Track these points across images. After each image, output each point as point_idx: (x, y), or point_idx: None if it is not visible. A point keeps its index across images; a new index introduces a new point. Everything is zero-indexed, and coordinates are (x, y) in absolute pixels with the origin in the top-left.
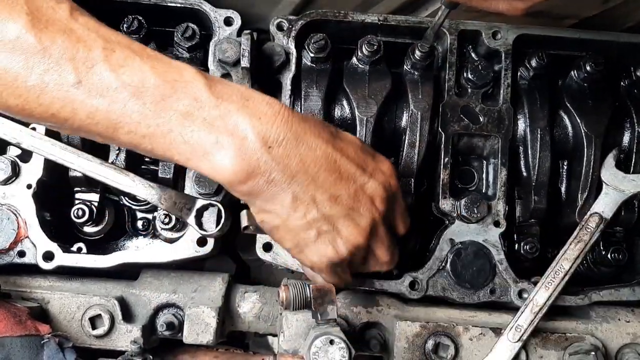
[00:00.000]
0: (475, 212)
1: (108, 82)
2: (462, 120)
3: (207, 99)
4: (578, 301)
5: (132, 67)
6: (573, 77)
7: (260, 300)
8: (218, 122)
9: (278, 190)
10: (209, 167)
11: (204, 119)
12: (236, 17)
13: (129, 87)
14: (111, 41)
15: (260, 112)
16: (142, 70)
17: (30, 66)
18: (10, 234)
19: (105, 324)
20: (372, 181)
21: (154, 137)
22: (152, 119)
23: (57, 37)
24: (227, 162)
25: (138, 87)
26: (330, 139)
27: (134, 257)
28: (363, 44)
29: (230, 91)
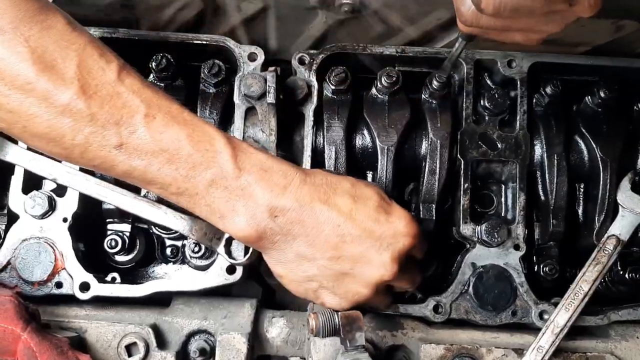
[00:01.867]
0: (496, 236)
1: (147, 148)
2: (480, 147)
3: (231, 171)
4: (598, 321)
5: (170, 134)
6: (587, 103)
7: (288, 325)
8: (237, 192)
9: (282, 248)
10: (225, 226)
11: (226, 187)
12: (260, 53)
13: (166, 154)
14: (153, 106)
15: (274, 184)
16: (179, 138)
17: (78, 128)
18: (48, 266)
19: (141, 351)
20: (380, 243)
21: (181, 197)
22: (182, 183)
23: (105, 103)
24: (241, 227)
25: (173, 155)
26: (339, 203)
27: (166, 285)
28: (382, 75)
29: (252, 162)
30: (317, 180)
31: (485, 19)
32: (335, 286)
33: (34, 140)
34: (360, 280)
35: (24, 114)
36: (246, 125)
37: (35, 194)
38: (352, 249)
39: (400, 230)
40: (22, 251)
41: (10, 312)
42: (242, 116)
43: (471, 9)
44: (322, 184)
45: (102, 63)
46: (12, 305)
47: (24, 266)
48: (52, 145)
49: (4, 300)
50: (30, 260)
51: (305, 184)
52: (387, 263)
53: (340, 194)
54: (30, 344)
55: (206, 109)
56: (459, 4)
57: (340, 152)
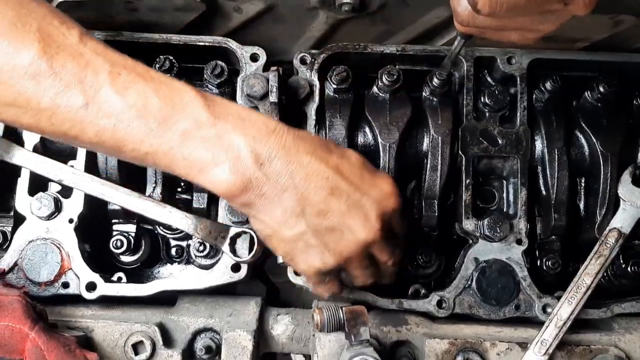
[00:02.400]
0: (498, 231)
1: (114, 104)
2: (481, 143)
3: (205, 120)
4: (601, 314)
5: (137, 89)
6: (587, 98)
7: (293, 322)
8: (214, 140)
9: (269, 203)
10: (206, 180)
11: (202, 137)
12: (261, 53)
13: (133, 109)
14: (117, 64)
15: (254, 131)
16: (145, 92)
17: (43, 89)
18: (54, 267)
19: (147, 349)
20: (366, 198)
21: (156, 154)
22: (154, 138)
23: (67, 62)
24: (223, 177)
25: (141, 109)
26: (325, 157)
27: (172, 284)
28: (383, 74)
29: (227, 111)
30: (300, 133)
31: (481, 19)
32: (323, 243)
33: (2, 112)
34: (348, 236)
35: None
36: None
37: (41, 196)
38: (340, 203)
39: (385, 191)
40: (29, 252)
41: (18, 312)
42: None
43: (467, 9)
44: (306, 137)
45: (63, 29)
46: (19, 304)
47: (30, 267)
48: (21, 113)
49: (12, 299)
50: (37, 261)
51: (289, 133)
52: (373, 221)
53: (325, 149)
54: (38, 343)
55: None
56: (455, 4)
57: None
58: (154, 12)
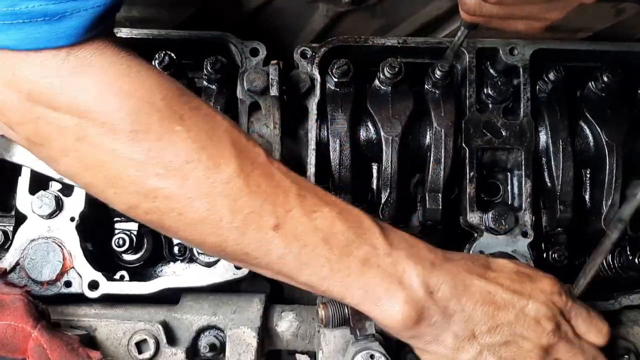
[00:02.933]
0: (503, 223)
1: (303, 227)
2: (484, 135)
3: (382, 247)
4: (609, 306)
5: (323, 212)
6: (591, 88)
7: (297, 318)
8: (391, 269)
9: (439, 332)
10: (379, 312)
11: (379, 265)
12: (262, 48)
13: (320, 233)
14: (302, 186)
15: (423, 258)
16: (331, 216)
17: (237, 208)
18: (56, 266)
19: (151, 348)
20: (532, 302)
21: (332, 280)
22: (335, 263)
23: (262, 182)
24: (398, 309)
25: (327, 233)
26: (482, 273)
27: (175, 282)
28: (385, 66)
29: (399, 238)
30: (455, 255)
31: (488, 7)
32: (502, 359)
33: (188, 231)
34: (523, 345)
35: (183, 198)
36: (250, 121)
37: (42, 194)
38: (508, 314)
39: (548, 290)
40: (31, 251)
41: (20, 310)
42: (246, 111)
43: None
44: (460, 257)
45: (251, 145)
46: (21, 303)
47: (32, 266)
48: (208, 232)
49: (14, 298)
50: (39, 260)
51: (447, 259)
52: (543, 324)
53: (478, 264)
54: (40, 342)
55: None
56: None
57: (345, 144)
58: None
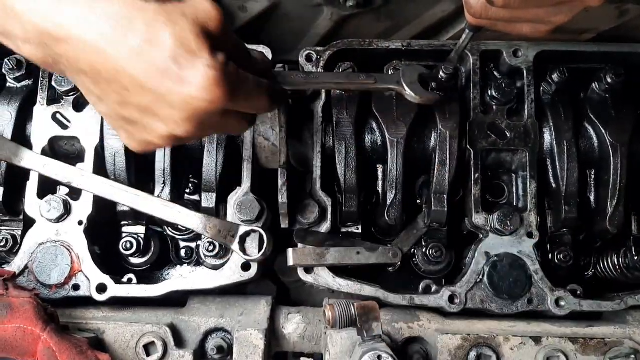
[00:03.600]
0: (509, 224)
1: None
2: (489, 137)
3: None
4: (615, 307)
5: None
6: (595, 89)
7: (304, 320)
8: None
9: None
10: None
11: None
12: (267, 52)
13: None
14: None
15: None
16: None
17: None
18: (65, 269)
19: (159, 350)
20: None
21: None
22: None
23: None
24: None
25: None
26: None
27: (182, 284)
28: (389, 69)
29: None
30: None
31: (494, 11)
32: (130, 130)
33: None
34: (151, 132)
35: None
36: (256, 124)
37: (50, 198)
38: (138, 98)
39: (193, 93)
40: (39, 255)
41: (30, 313)
42: None
43: (481, 1)
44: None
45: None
46: (31, 306)
47: (41, 270)
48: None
49: (23, 301)
50: (47, 263)
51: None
52: (179, 122)
53: (131, 27)
54: (50, 344)
55: None
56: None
57: (350, 147)
58: None
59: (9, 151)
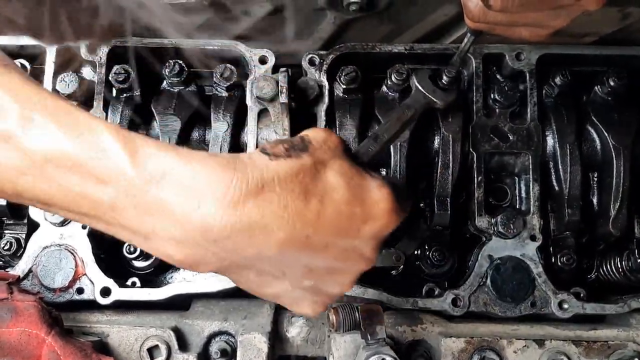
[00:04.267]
0: (512, 227)
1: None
2: (492, 140)
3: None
4: (618, 309)
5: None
6: (597, 92)
7: (307, 324)
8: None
9: (238, 272)
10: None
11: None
12: (270, 56)
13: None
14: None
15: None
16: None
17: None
18: (69, 273)
19: (163, 354)
20: (359, 240)
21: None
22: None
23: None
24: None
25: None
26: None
27: (186, 288)
28: (392, 73)
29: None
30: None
31: (492, 15)
32: (313, 298)
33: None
34: (337, 287)
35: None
36: (259, 127)
37: None
38: (324, 260)
39: (384, 222)
40: (43, 258)
41: (34, 317)
42: (255, 118)
43: (478, 5)
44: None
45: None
46: (35, 310)
47: (45, 273)
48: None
49: (28, 305)
50: (52, 267)
51: (248, 191)
52: (368, 255)
53: (300, 194)
54: (54, 348)
55: (219, 113)
56: (466, 0)
57: None
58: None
59: None
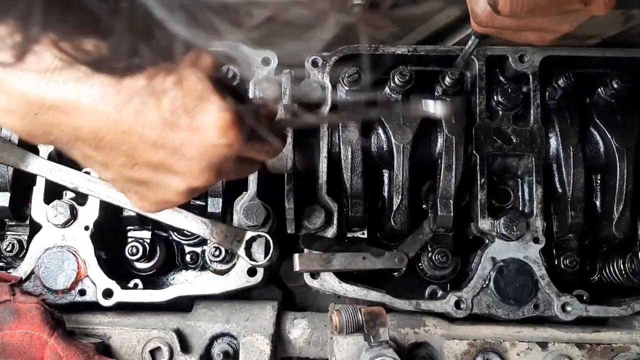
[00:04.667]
0: (515, 230)
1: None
2: (495, 142)
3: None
4: (621, 312)
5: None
6: (600, 94)
7: (310, 325)
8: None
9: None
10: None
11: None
12: (273, 57)
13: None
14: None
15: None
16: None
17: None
18: (71, 274)
19: (165, 355)
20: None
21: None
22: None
23: None
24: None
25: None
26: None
27: (188, 289)
28: (395, 74)
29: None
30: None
31: (500, 20)
32: (141, 191)
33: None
34: (165, 189)
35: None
36: None
37: (57, 203)
38: (148, 156)
39: (210, 138)
40: (46, 260)
41: (37, 319)
42: None
43: (486, 10)
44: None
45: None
46: (38, 312)
47: (47, 275)
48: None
49: (30, 307)
50: (54, 268)
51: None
52: (196, 173)
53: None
54: (57, 350)
55: None
56: (474, 5)
57: (356, 152)
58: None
59: (16, 156)
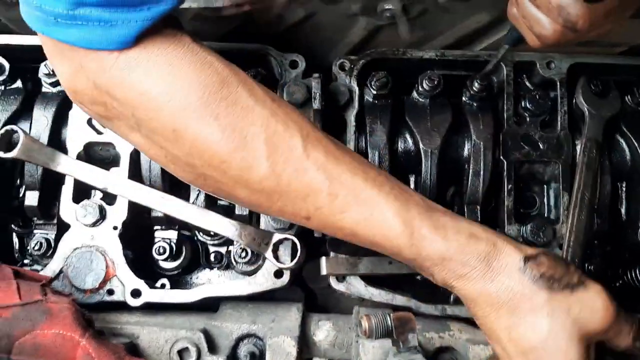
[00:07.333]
0: (541, 236)
1: (329, 225)
2: (522, 148)
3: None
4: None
5: (350, 214)
6: (627, 102)
7: (334, 328)
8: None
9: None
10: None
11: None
12: (301, 60)
13: (341, 232)
14: (336, 182)
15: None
16: (355, 220)
17: (271, 201)
18: (100, 274)
19: (193, 356)
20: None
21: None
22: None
23: (292, 181)
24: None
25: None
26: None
27: (216, 291)
28: (424, 79)
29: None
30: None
31: (572, 36)
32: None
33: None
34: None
35: (226, 185)
36: None
37: (86, 203)
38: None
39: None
40: (74, 259)
41: (69, 319)
42: None
43: (558, 30)
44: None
45: (287, 137)
46: (69, 312)
47: (76, 274)
48: (255, 209)
49: (62, 307)
50: (82, 268)
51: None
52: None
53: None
54: (89, 350)
55: None
56: (533, 25)
57: (384, 156)
58: (196, 20)
59: (45, 156)
